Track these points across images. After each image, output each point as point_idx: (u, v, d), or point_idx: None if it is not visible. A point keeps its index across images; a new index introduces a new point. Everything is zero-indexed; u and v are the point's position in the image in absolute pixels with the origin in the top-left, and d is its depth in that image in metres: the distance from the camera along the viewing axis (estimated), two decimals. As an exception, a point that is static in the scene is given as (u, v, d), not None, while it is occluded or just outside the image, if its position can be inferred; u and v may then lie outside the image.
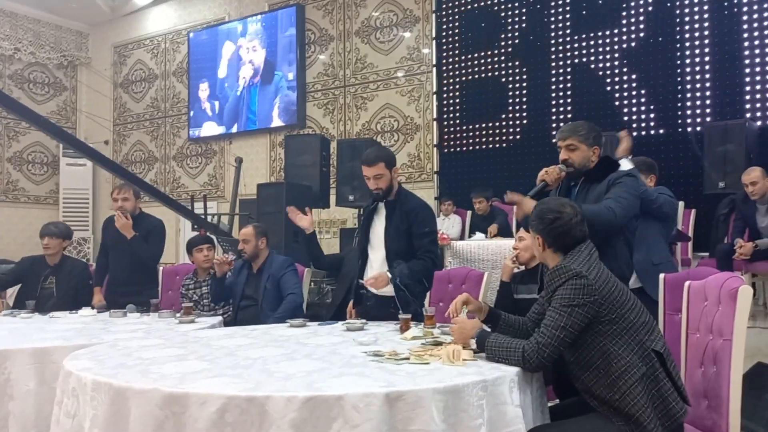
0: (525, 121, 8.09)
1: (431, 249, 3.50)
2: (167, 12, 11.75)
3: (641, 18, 7.31)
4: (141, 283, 4.72)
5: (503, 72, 8.26)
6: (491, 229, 6.80)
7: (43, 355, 2.85)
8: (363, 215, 3.82)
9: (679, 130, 7.05)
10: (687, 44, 7.03)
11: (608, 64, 7.50)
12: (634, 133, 7.26)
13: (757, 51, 6.64)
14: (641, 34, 7.30)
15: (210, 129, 10.98)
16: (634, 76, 7.34)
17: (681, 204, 6.30)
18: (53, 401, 2.29)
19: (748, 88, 6.67)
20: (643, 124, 7.27)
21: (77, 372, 2.10)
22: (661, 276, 2.98)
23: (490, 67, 8.37)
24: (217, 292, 4.43)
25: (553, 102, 7.88)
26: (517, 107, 8.14)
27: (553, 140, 3.17)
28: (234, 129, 10.74)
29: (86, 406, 2.00)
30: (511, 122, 8.18)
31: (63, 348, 2.86)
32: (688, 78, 7.01)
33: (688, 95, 7.00)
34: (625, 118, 7.35)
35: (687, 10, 7.02)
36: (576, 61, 7.73)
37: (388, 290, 3.42)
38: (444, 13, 8.77)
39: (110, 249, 4.82)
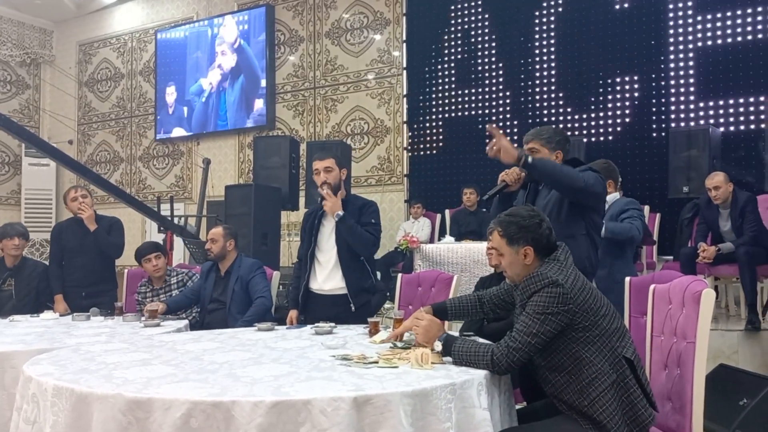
0: (495, 125, 8.13)
1: (373, 232, 3.62)
2: (134, 10, 11.59)
3: (609, 25, 7.42)
4: (103, 282, 4.67)
5: (474, 75, 8.31)
6: None
7: (2, 359, 2.79)
8: (307, 221, 3.79)
9: (645, 135, 7.17)
10: (652, 50, 7.16)
11: (576, 70, 7.60)
12: (601, 138, 7.39)
13: (720, 58, 6.78)
14: (608, 40, 7.41)
15: (177, 133, 10.86)
16: (600, 81, 7.45)
17: (646, 208, 6.43)
18: (12, 407, 2.23)
19: (711, 95, 6.82)
20: (610, 129, 7.38)
21: (37, 377, 2.05)
22: (627, 279, 3.02)
23: (460, 70, 8.42)
24: (176, 310, 4.38)
25: (522, 106, 7.96)
26: (487, 110, 8.20)
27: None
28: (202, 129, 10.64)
29: (47, 412, 1.96)
30: (481, 125, 8.23)
31: (23, 352, 2.79)
32: (653, 84, 7.13)
33: (653, 101, 7.13)
34: (592, 123, 7.46)
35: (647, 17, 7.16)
36: (545, 65, 7.81)
37: (339, 289, 3.57)
38: (415, 15, 8.80)
39: (69, 252, 4.73)
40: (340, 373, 2.10)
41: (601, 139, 7.39)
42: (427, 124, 8.65)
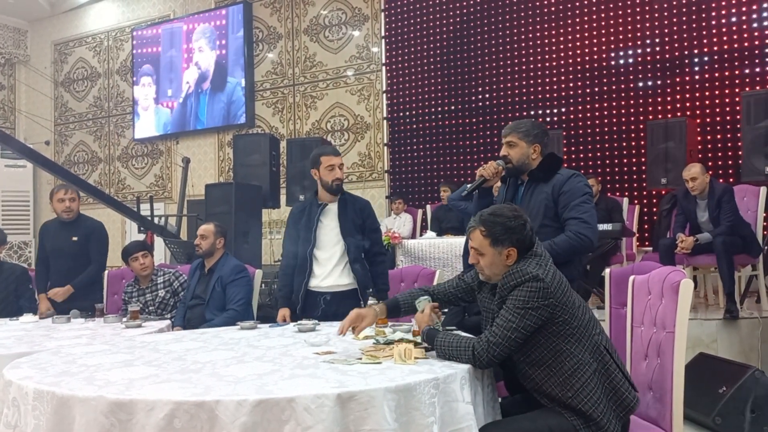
0: (474, 120, 8.17)
1: (383, 249, 3.82)
2: (110, 8, 11.46)
3: (584, 19, 7.47)
4: (85, 286, 4.60)
5: (452, 71, 8.33)
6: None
7: (-19, 364, 2.74)
8: (296, 217, 3.70)
9: (623, 127, 7.23)
10: (629, 43, 7.22)
11: (555, 63, 7.64)
12: (580, 131, 7.44)
13: (695, 51, 6.86)
14: (578, 35, 7.47)
15: (155, 132, 10.77)
16: (579, 75, 7.50)
17: (625, 200, 6.50)
18: (-7, 412, 2.20)
19: (687, 87, 6.89)
20: (588, 122, 7.43)
21: (18, 381, 2.03)
22: (607, 270, 3.05)
23: (439, 65, 8.43)
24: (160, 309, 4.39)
25: (502, 101, 7.99)
26: (467, 105, 8.22)
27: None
28: (181, 128, 10.56)
29: (28, 416, 1.93)
30: (461, 120, 8.25)
31: (2, 356, 2.75)
32: (631, 76, 7.19)
33: (632, 93, 7.19)
34: (571, 116, 7.51)
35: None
36: (523, 59, 7.85)
37: (347, 285, 3.58)
38: (393, 11, 8.80)
39: (51, 254, 4.66)
40: (324, 370, 2.09)
41: (580, 132, 7.44)
42: (407, 120, 8.65)
